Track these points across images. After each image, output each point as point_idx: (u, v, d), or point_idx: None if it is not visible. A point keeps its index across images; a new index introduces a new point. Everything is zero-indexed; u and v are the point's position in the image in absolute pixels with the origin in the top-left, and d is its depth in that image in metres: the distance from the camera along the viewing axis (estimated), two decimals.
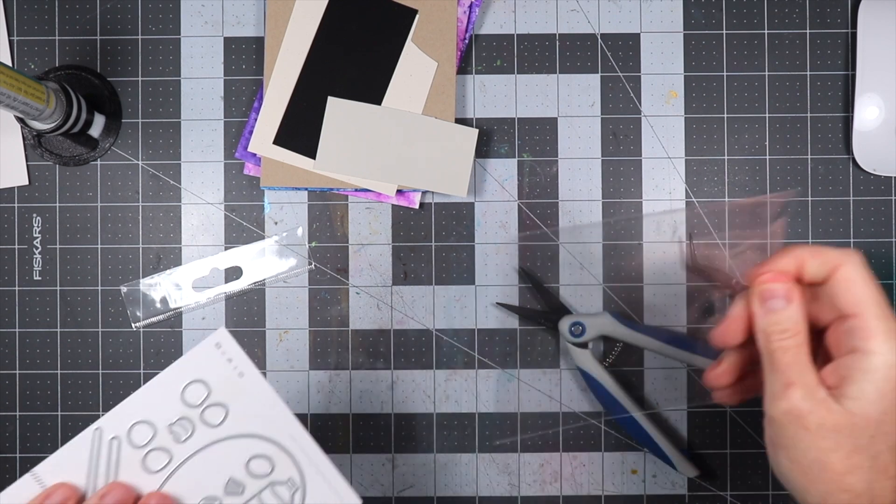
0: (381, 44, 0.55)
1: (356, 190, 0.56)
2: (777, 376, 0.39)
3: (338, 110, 0.55)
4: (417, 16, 0.55)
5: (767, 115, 0.57)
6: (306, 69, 0.55)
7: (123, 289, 0.55)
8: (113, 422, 0.42)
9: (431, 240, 0.57)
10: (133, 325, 0.56)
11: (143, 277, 0.56)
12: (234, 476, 0.43)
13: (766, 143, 0.57)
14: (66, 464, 0.43)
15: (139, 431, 0.43)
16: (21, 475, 0.57)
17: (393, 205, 0.57)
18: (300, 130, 0.55)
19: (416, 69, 0.55)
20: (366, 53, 0.55)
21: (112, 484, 0.42)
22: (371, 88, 0.55)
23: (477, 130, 0.55)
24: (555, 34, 0.57)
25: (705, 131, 0.57)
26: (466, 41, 0.56)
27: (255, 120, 0.56)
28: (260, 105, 0.56)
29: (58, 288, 0.57)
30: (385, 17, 0.55)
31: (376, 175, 0.55)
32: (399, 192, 0.56)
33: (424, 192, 0.56)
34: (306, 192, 0.57)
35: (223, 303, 0.57)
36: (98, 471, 0.43)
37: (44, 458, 0.56)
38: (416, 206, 0.56)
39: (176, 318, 0.57)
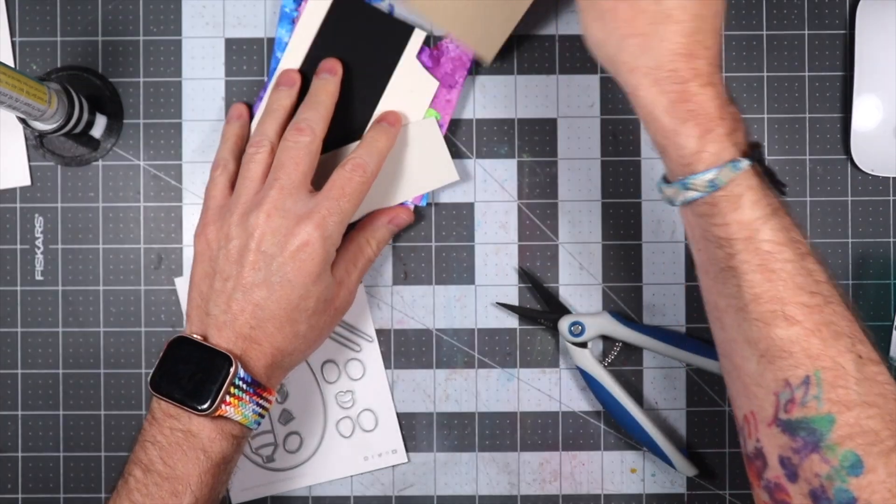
0: (377, 57, 0.55)
1: None
2: None
3: None
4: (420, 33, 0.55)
5: (766, 115, 0.57)
6: (303, 73, 0.55)
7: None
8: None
9: (431, 240, 0.57)
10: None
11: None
12: None
13: (765, 143, 0.57)
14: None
15: None
16: (22, 475, 0.58)
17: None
18: None
19: (417, 86, 0.55)
20: (362, 66, 0.55)
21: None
22: (364, 101, 0.55)
23: (433, 117, 0.55)
24: (554, 35, 0.57)
25: None
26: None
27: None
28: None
29: (59, 288, 0.57)
30: (384, 32, 0.55)
31: (370, 206, 0.55)
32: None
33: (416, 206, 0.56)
34: None
35: None
36: None
37: (44, 457, 0.57)
38: (423, 204, 0.56)
39: (177, 318, 0.57)
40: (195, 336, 0.46)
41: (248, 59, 0.57)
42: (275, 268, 0.46)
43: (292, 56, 0.55)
